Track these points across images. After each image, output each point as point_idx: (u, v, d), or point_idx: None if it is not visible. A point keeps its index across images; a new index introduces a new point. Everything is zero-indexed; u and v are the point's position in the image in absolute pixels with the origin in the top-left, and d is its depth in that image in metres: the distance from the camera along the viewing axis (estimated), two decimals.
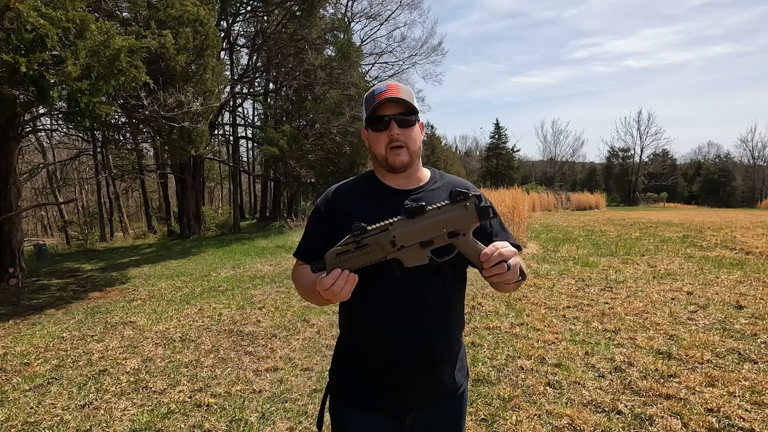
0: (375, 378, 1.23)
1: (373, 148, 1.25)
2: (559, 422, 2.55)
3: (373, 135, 1.23)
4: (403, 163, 1.21)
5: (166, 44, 8.60)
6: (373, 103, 1.19)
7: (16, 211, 8.12)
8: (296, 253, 1.32)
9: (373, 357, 1.22)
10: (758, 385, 2.83)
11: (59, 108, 7.20)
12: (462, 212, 1.06)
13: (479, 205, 1.06)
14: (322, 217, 1.28)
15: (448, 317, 1.25)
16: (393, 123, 1.19)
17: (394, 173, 1.23)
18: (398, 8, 22.54)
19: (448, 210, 1.06)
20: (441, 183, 1.30)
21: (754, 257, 6.99)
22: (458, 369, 1.30)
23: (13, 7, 4.98)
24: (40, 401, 3.14)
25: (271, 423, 2.71)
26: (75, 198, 23.80)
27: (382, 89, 1.20)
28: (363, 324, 1.24)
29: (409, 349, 1.19)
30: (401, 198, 1.21)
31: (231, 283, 6.98)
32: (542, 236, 10.82)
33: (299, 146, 15.63)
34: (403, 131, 1.20)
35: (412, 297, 1.18)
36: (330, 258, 1.03)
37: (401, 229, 1.04)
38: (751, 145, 44.31)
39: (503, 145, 42.50)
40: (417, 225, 1.05)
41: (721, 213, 20.08)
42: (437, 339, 1.22)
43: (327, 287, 1.01)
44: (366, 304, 1.19)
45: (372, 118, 1.21)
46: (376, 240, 1.03)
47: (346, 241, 1.04)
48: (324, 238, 1.22)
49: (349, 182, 1.33)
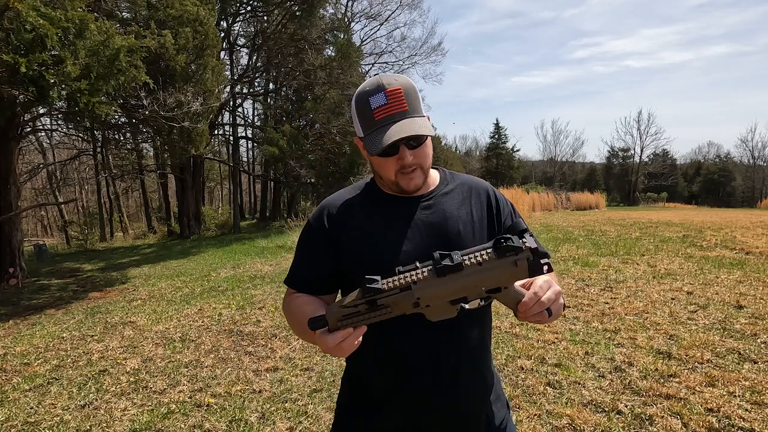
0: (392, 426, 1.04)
1: (378, 171, 1.03)
2: (559, 422, 2.54)
3: (377, 159, 1.00)
4: (418, 186, 1.02)
5: (165, 44, 8.60)
6: (373, 124, 0.96)
7: (16, 211, 8.12)
8: (288, 280, 1.11)
9: (389, 401, 1.04)
10: (758, 385, 2.83)
11: (59, 108, 7.20)
12: (510, 270, 0.84)
13: (532, 261, 0.83)
14: (316, 237, 1.07)
15: (480, 352, 1.07)
16: (403, 148, 0.97)
17: (406, 195, 1.05)
18: (398, 8, 22.58)
19: (491, 266, 0.83)
20: (454, 185, 1.12)
21: (754, 257, 6.99)
22: (494, 402, 1.11)
23: (13, 6, 4.97)
24: (40, 401, 3.14)
25: (271, 423, 2.71)
26: (75, 198, 23.80)
27: (381, 102, 0.95)
28: (373, 360, 1.04)
29: (434, 394, 1.01)
30: (409, 207, 1.05)
31: (231, 283, 6.97)
32: (542, 236, 10.82)
33: (299, 146, 15.63)
34: (416, 152, 0.98)
35: (437, 331, 0.98)
36: (334, 318, 0.83)
37: (428, 289, 0.83)
38: (751, 145, 44.35)
39: (503, 145, 42.53)
40: (449, 285, 0.83)
41: (721, 213, 20.08)
42: (469, 380, 1.04)
43: (331, 347, 0.83)
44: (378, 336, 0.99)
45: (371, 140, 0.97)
46: (395, 300, 0.83)
47: (356, 301, 0.83)
48: (320, 262, 1.05)
49: (344, 193, 1.12)
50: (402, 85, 0.97)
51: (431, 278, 0.83)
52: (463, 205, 1.09)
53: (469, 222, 1.06)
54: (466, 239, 1.03)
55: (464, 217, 1.06)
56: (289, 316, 1.08)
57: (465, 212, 1.07)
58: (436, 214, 1.05)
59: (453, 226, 1.04)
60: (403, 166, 0.98)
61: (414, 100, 0.97)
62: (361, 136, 1.01)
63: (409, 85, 0.98)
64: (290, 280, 1.11)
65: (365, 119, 0.98)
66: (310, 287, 1.08)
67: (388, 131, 0.93)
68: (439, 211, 1.06)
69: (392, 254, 0.99)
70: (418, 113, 0.97)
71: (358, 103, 0.99)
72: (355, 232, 1.03)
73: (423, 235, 1.02)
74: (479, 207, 1.10)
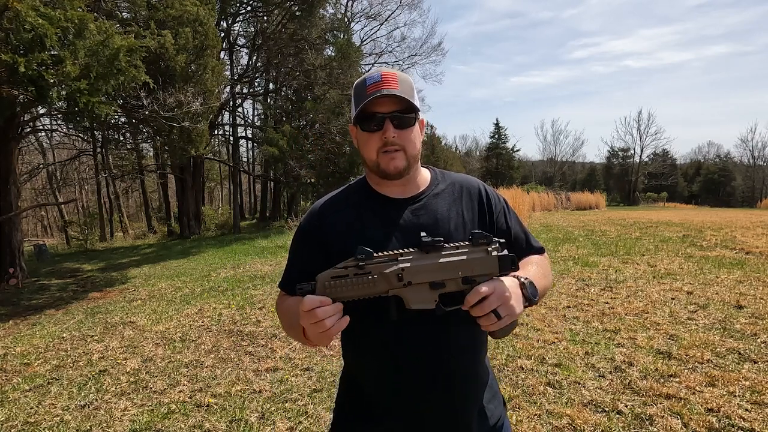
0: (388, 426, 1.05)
1: (362, 151, 1.04)
2: (559, 422, 2.54)
3: (363, 135, 1.01)
4: (399, 169, 1.00)
5: (165, 44, 8.61)
6: (365, 97, 0.98)
7: (16, 212, 8.12)
8: (281, 284, 1.11)
9: (385, 402, 1.04)
10: (758, 384, 2.83)
11: (59, 108, 7.20)
12: (483, 258, 0.91)
13: (502, 254, 0.92)
14: (308, 239, 1.08)
15: (473, 351, 1.06)
16: (388, 123, 0.98)
17: (389, 180, 1.04)
18: (398, 8, 22.67)
19: (467, 252, 0.92)
20: (444, 185, 1.11)
21: (754, 257, 6.99)
22: (489, 401, 1.10)
23: (12, 6, 4.97)
24: (41, 401, 3.14)
25: (271, 423, 2.71)
26: (75, 198, 23.80)
27: (376, 79, 0.98)
28: (368, 360, 1.06)
29: (427, 393, 1.01)
30: (400, 208, 1.04)
31: (231, 283, 6.97)
32: (542, 236, 10.82)
33: (299, 146, 15.63)
34: (400, 133, 0.99)
35: (429, 330, 0.99)
36: (323, 280, 0.87)
37: (413, 262, 0.90)
38: (751, 145, 44.37)
39: (503, 145, 42.54)
40: (431, 261, 0.90)
41: (721, 213, 20.08)
42: (462, 379, 1.04)
43: (308, 309, 0.82)
44: (372, 336, 1.02)
45: (362, 115, 0.99)
46: (381, 270, 0.88)
47: (347, 264, 0.88)
48: (313, 264, 1.03)
49: (337, 195, 1.12)
50: (399, 73, 1.01)
51: (416, 252, 0.91)
52: (454, 205, 1.08)
53: (460, 223, 1.06)
54: (457, 241, 1.02)
55: (455, 218, 1.06)
56: (280, 315, 1.10)
57: (456, 213, 1.07)
58: (426, 215, 1.05)
59: (443, 227, 1.04)
60: (385, 143, 0.98)
61: (408, 88, 1.00)
62: (353, 114, 1.02)
63: (406, 77, 1.01)
64: (284, 284, 1.11)
65: (359, 98, 1.00)
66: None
67: (375, 98, 0.97)
68: (429, 212, 1.05)
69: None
70: (409, 96, 0.99)
71: (357, 85, 1.02)
72: (346, 235, 1.03)
73: (414, 236, 1.01)
74: (471, 207, 1.09)
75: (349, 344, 1.10)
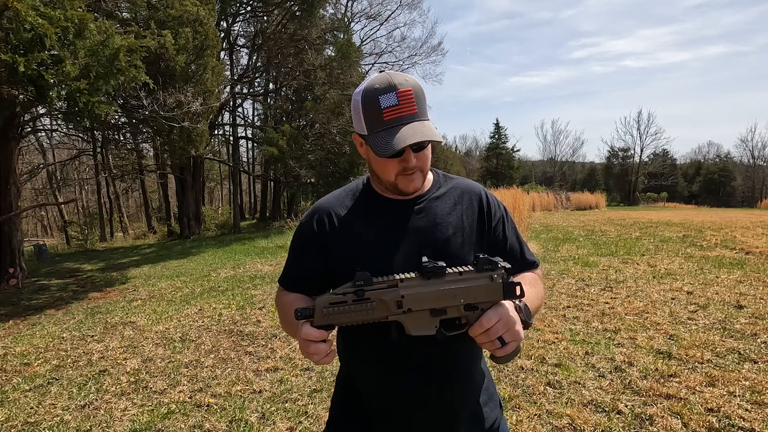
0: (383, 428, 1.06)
1: (378, 171, 1.02)
2: (560, 422, 2.54)
3: (380, 160, 0.98)
4: (417, 188, 1.02)
5: (165, 44, 8.61)
6: (381, 124, 0.94)
7: (16, 212, 8.12)
8: (281, 280, 1.14)
9: (379, 402, 1.05)
10: (758, 384, 2.83)
11: (58, 108, 7.19)
12: (486, 284, 0.90)
13: (507, 280, 0.90)
14: (307, 240, 1.08)
15: (468, 353, 1.07)
16: (409, 152, 0.96)
17: (403, 196, 1.05)
18: (398, 8, 22.68)
19: (470, 278, 0.90)
20: (446, 188, 1.11)
21: (754, 257, 6.99)
22: (485, 403, 1.11)
23: (12, 6, 4.97)
24: (40, 401, 3.14)
25: (271, 423, 2.71)
26: (75, 198, 23.81)
27: (392, 102, 0.92)
28: (363, 361, 1.07)
29: (421, 395, 1.02)
30: (400, 210, 1.04)
31: (231, 283, 6.97)
32: (542, 236, 10.82)
33: (299, 146, 15.62)
34: (419, 156, 0.99)
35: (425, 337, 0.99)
36: (321, 306, 0.86)
37: (413, 289, 0.88)
38: (751, 145, 44.37)
39: (503, 145, 42.58)
40: (432, 289, 0.89)
41: (721, 213, 20.08)
42: (457, 381, 1.05)
43: (305, 338, 0.86)
44: (368, 339, 1.03)
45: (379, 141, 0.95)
46: (380, 296, 0.87)
47: (345, 289, 0.87)
48: (312, 265, 1.06)
49: (338, 194, 1.12)
50: (413, 86, 0.95)
51: (416, 278, 0.89)
52: (454, 209, 1.07)
53: (459, 228, 1.05)
54: (454, 246, 1.03)
55: (454, 223, 1.06)
56: (279, 310, 1.13)
57: (455, 218, 1.06)
58: (426, 218, 1.04)
59: (442, 231, 1.03)
60: (405, 168, 0.98)
61: (422, 102, 0.96)
62: (364, 134, 0.98)
63: (418, 86, 0.96)
64: (283, 281, 1.14)
65: (372, 118, 0.94)
66: (302, 288, 1.09)
67: (399, 133, 0.91)
68: (429, 215, 1.05)
69: (381, 258, 0.99)
70: (425, 116, 0.96)
71: (366, 99, 0.95)
72: (346, 236, 1.03)
73: (412, 239, 1.02)
74: (471, 212, 1.09)
75: (345, 345, 1.11)
